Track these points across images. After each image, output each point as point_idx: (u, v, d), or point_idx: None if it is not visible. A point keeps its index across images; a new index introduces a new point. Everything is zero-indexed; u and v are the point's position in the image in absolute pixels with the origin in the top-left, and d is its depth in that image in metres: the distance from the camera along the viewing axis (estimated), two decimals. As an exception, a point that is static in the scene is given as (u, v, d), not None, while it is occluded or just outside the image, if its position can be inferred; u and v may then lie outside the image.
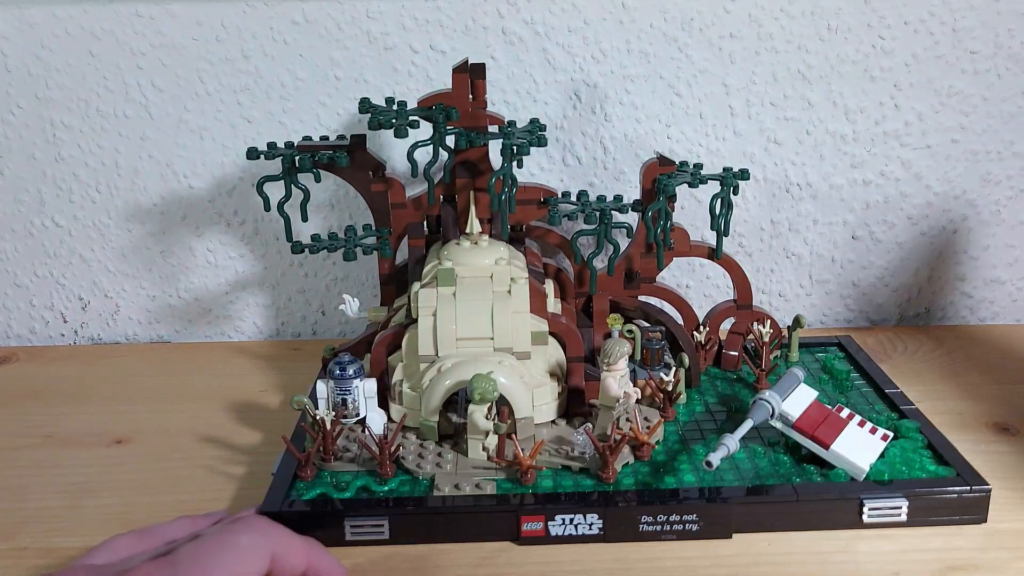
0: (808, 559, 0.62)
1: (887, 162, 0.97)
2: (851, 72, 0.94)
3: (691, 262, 1.00)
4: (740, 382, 0.84)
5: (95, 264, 1.01)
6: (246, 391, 0.89)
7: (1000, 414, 0.81)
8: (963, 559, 0.62)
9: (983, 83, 0.94)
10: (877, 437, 0.70)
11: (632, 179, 0.97)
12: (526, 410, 0.71)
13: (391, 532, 0.64)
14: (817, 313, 1.03)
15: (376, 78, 0.94)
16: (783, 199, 0.98)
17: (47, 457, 0.78)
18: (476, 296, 0.73)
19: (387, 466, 0.67)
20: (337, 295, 1.02)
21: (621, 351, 0.70)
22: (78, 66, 0.94)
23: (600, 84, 0.94)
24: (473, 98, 0.81)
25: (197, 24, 0.93)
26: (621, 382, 0.71)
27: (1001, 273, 1.01)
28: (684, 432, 0.75)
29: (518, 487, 0.66)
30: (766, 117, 0.95)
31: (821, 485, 0.66)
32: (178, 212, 0.99)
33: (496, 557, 0.63)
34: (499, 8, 0.92)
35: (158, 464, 0.76)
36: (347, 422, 0.73)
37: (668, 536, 0.64)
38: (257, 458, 0.76)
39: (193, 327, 1.03)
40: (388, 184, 0.82)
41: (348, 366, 0.72)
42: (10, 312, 1.03)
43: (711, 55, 0.94)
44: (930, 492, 0.65)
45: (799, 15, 0.92)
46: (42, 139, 0.97)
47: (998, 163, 0.97)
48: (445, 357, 0.72)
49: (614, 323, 0.84)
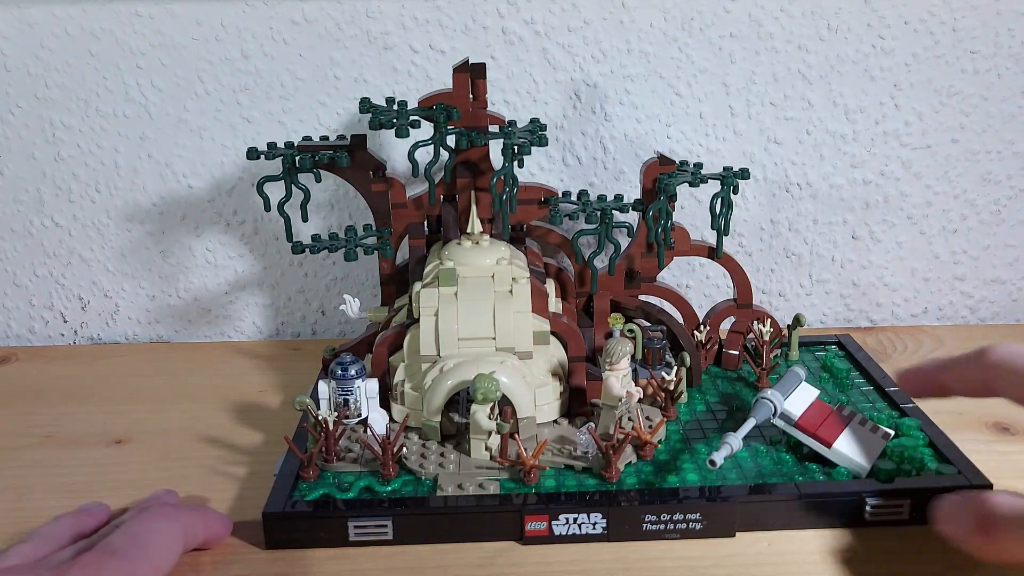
0: (810, 558, 0.62)
1: (887, 162, 0.97)
2: (851, 72, 0.94)
3: (691, 262, 1.00)
4: (741, 381, 0.84)
5: (95, 264, 1.00)
6: (246, 391, 0.88)
7: (1000, 414, 0.81)
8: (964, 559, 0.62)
9: (983, 83, 0.95)
10: (878, 435, 0.70)
11: (632, 179, 0.97)
12: (528, 410, 0.71)
13: (395, 532, 0.64)
14: (817, 313, 1.03)
15: (376, 78, 0.94)
16: (783, 199, 0.98)
17: (47, 457, 0.77)
18: (478, 296, 0.73)
19: (390, 466, 0.67)
20: (337, 295, 1.01)
21: (623, 350, 0.70)
22: (77, 66, 0.94)
23: (600, 84, 0.94)
24: (473, 98, 0.81)
25: (196, 24, 0.93)
26: (623, 381, 0.71)
27: (1001, 273, 1.01)
28: (686, 431, 0.75)
29: (521, 487, 0.66)
30: (766, 117, 0.95)
31: (823, 483, 0.66)
32: (178, 212, 0.99)
33: (499, 557, 0.63)
34: (499, 8, 0.92)
35: (158, 464, 0.76)
36: (349, 422, 0.73)
37: (672, 535, 0.64)
38: (258, 458, 0.76)
39: (193, 327, 1.03)
40: (389, 184, 0.82)
41: (350, 366, 0.72)
42: (10, 312, 1.03)
43: (711, 55, 0.94)
44: (932, 490, 0.65)
45: (799, 15, 0.92)
46: (41, 139, 0.97)
47: (998, 163, 0.97)
48: (447, 357, 0.72)
49: (615, 322, 0.84)
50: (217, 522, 0.64)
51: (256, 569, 0.62)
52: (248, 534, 0.65)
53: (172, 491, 0.69)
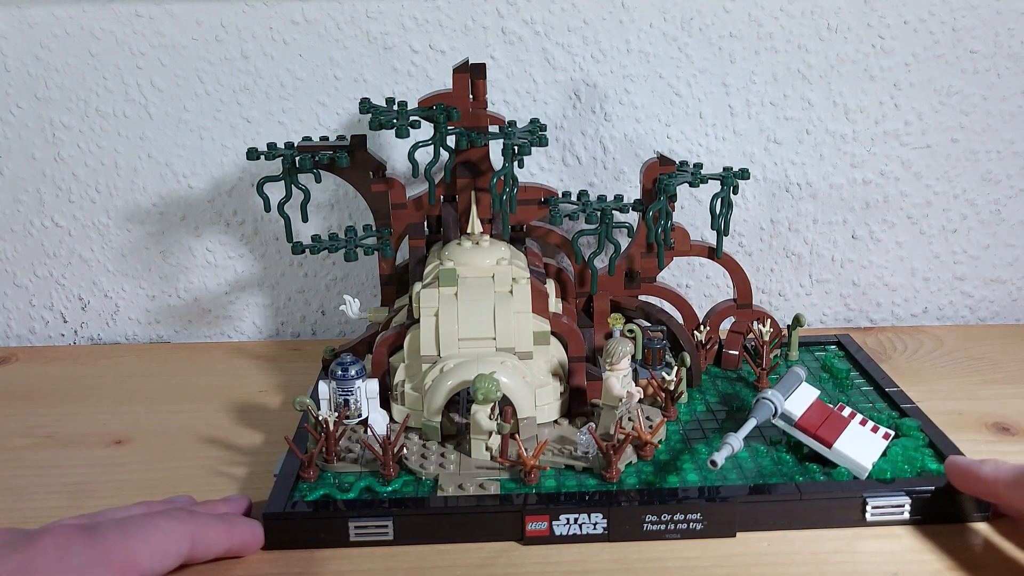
0: (811, 558, 0.62)
1: (887, 162, 0.97)
2: (851, 72, 0.94)
3: (691, 262, 1.00)
4: (741, 381, 0.84)
5: (95, 264, 1.00)
6: (246, 391, 0.88)
7: (1000, 414, 0.81)
8: (964, 558, 0.62)
9: (983, 83, 0.95)
10: (879, 436, 0.70)
11: (632, 179, 0.97)
12: (529, 410, 0.71)
13: (395, 533, 0.64)
14: (817, 312, 1.03)
15: (376, 78, 0.94)
16: (783, 199, 0.98)
17: (47, 457, 0.77)
18: (478, 296, 0.73)
19: (390, 467, 0.67)
20: (337, 295, 1.01)
21: (624, 351, 0.70)
22: (77, 66, 0.94)
23: (600, 84, 0.94)
24: (473, 98, 0.81)
25: (196, 24, 0.93)
26: (624, 382, 0.71)
27: (1001, 273, 1.02)
28: (686, 431, 0.75)
29: (522, 487, 0.66)
30: (766, 117, 0.95)
31: (824, 484, 0.66)
32: (177, 212, 0.99)
33: (500, 557, 0.63)
34: (499, 8, 0.92)
35: (158, 464, 0.76)
36: (349, 423, 0.73)
37: (672, 535, 0.64)
38: (258, 458, 0.76)
39: (193, 327, 1.03)
40: (389, 184, 0.82)
41: (350, 367, 0.72)
42: (10, 312, 1.03)
43: (711, 55, 0.94)
44: (932, 490, 0.65)
45: (799, 15, 0.92)
46: (41, 139, 0.96)
47: (998, 162, 0.97)
48: (447, 357, 0.72)
49: (615, 322, 0.84)
50: (247, 532, 0.63)
51: (256, 569, 0.62)
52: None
53: (191, 497, 0.68)
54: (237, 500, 0.67)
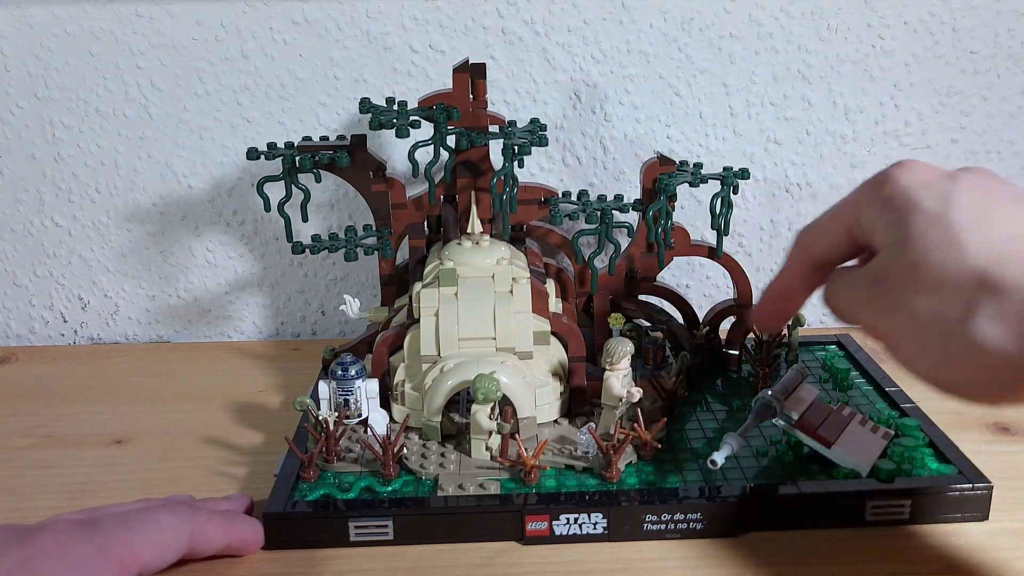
0: (810, 558, 0.62)
1: (887, 162, 0.95)
2: (851, 72, 0.94)
3: (691, 262, 1.00)
4: (741, 381, 0.84)
5: (94, 264, 1.00)
6: (246, 391, 0.88)
7: (1000, 414, 0.81)
8: (964, 558, 0.62)
9: (983, 83, 0.95)
10: (879, 435, 0.70)
11: (632, 179, 0.97)
12: (529, 410, 0.71)
13: (395, 533, 0.64)
14: (817, 312, 1.03)
15: (376, 78, 0.94)
16: (783, 199, 0.98)
17: (47, 457, 0.77)
18: (478, 296, 0.73)
19: (390, 467, 0.67)
20: (337, 295, 1.01)
21: (624, 350, 0.70)
22: (77, 66, 0.94)
23: (600, 84, 0.94)
24: (473, 98, 0.81)
25: (196, 24, 0.93)
26: (624, 381, 0.71)
27: (1000, 272, 1.01)
28: (686, 431, 0.75)
29: (522, 487, 0.66)
30: (766, 117, 0.96)
31: (823, 483, 0.66)
32: (177, 212, 0.99)
33: (500, 557, 0.63)
34: (499, 8, 0.92)
35: (158, 464, 0.76)
36: (349, 423, 0.73)
37: (672, 535, 0.64)
38: (258, 458, 0.76)
39: (193, 327, 1.03)
40: (389, 184, 0.82)
41: (350, 367, 0.72)
42: (9, 312, 1.03)
43: (711, 55, 0.94)
44: (932, 490, 0.65)
45: (799, 15, 0.92)
46: (41, 139, 0.96)
47: (998, 163, 0.97)
48: (447, 357, 0.72)
49: (615, 323, 0.84)
50: (247, 530, 0.63)
51: (256, 569, 0.62)
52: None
53: (191, 496, 0.68)
54: (239, 499, 0.67)
